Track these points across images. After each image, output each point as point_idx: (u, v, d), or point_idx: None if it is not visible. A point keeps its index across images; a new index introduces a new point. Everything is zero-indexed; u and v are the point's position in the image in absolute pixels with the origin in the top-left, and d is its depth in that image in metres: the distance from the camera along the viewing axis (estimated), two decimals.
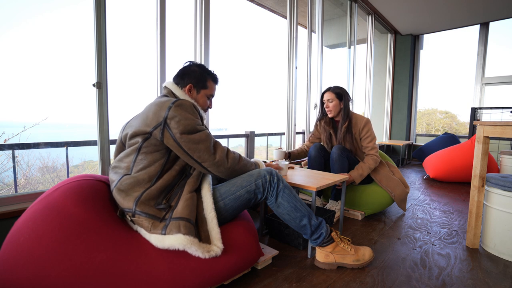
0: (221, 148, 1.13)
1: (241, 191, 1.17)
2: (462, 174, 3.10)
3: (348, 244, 1.32)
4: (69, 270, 0.83)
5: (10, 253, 0.85)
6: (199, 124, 1.10)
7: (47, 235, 0.86)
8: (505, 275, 1.28)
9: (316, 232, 1.27)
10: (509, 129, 1.37)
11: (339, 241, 1.30)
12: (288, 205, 1.22)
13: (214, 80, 1.29)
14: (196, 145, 1.07)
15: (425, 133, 5.40)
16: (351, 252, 1.30)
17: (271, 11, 3.33)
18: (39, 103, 2.28)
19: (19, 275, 0.82)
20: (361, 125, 2.04)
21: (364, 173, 1.95)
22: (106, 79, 1.49)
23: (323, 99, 2.12)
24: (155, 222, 1.02)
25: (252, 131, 2.47)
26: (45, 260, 0.83)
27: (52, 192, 1.00)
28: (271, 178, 1.19)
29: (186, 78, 1.22)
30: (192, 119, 1.08)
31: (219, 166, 1.11)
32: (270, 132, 2.82)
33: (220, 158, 1.11)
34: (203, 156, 1.08)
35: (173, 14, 1.75)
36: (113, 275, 0.87)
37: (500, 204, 1.44)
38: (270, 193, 1.21)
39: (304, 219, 1.24)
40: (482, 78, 4.32)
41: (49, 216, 0.90)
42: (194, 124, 1.08)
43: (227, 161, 1.13)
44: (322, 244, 1.29)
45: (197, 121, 1.10)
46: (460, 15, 3.95)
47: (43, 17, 2.33)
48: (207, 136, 1.10)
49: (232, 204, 1.17)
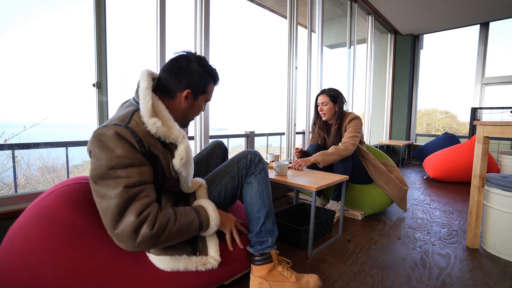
0: (132, 216, 0.77)
1: (226, 179, 1.08)
2: (462, 174, 3.10)
3: (288, 269, 1.11)
4: (64, 277, 0.82)
5: (4, 260, 0.84)
6: (118, 167, 0.78)
7: (40, 242, 0.84)
8: (505, 275, 1.28)
9: (263, 234, 1.09)
10: (509, 129, 1.37)
11: (277, 264, 1.10)
12: (256, 188, 1.10)
13: (215, 82, 1.07)
14: (100, 199, 0.79)
15: (425, 133, 5.40)
16: (291, 279, 1.08)
17: (271, 11, 3.33)
18: (39, 103, 2.28)
19: (13, 283, 0.81)
20: (347, 122, 2.02)
21: (328, 157, 1.82)
22: (106, 79, 1.49)
23: (317, 102, 2.10)
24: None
25: (252, 131, 2.47)
26: (38, 267, 0.82)
27: (45, 197, 0.97)
28: (253, 158, 1.10)
29: (184, 80, 0.96)
30: (107, 159, 0.77)
31: (120, 241, 0.79)
32: (270, 132, 2.82)
33: (123, 232, 0.77)
34: (103, 217, 0.79)
35: (173, 14, 1.76)
36: (110, 279, 0.86)
37: (500, 204, 1.44)
38: (251, 171, 1.10)
39: (262, 211, 1.09)
40: (482, 78, 4.32)
41: (42, 222, 0.88)
42: (106, 168, 0.77)
43: (134, 238, 0.78)
44: (260, 259, 1.09)
45: (115, 161, 0.77)
46: (460, 15, 3.95)
47: (43, 17, 2.33)
48: (118, 192, 0.76)
49: (220, 197, 1.08)
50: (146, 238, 0.79)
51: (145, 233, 0.78)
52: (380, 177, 2.01)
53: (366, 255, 1.45)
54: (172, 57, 1.00)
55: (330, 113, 2.05)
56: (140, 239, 0.78)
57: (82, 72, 1.55)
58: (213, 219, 0.97)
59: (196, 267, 0.94)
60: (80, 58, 1.81)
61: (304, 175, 1.63)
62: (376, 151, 2.44)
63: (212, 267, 0.96)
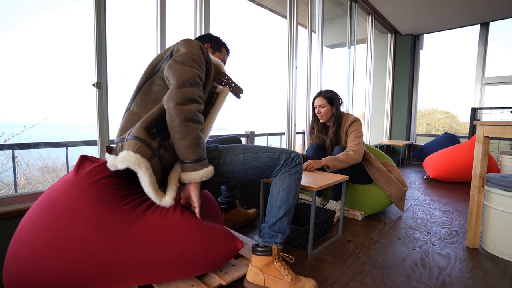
0: (194, 95, 0.96)
1: (264, 154, 1.14)
2: (462, 174, 3.10)
3: (287, 268, 1.11)
4: (63, 257, 0.89)
5: (15, 247, 0.92)
6: (195, 61, 1.01)
7: (46, 226, 0.91)
8: (505, 275, 1.28)
9: (277, 228, 1.14)
10: (509, 129, 1.37)
11: (276, 259, 1.11)
12: (288, 186, 1.14)
13: (227, 50, 1.43)
14: (178, 66, 0.98)
15: (425, 133, 5.40)
16: (286, 278, 1.08)
17: (271, 11, 3.33)
18: (39, 103, 2.28)
19: (23, 267, 0.88)
20: (348, 124, 2.03)
21: (338, 164, 1.83)
22: (106, 79, 1.49)
23: (314, 105, 2.11)
24: (143, 146, 0.91)
25: (252, 131, 2.47)
26: (44, 248, 0.89)
27: (47, 190, 1.03)
28: (296, 156, 1.16)
29: (205, 38, 1.38)
30: (192, 54, 1.01)
31: (170, 100, 0.93)
32: (270, 132, 2.81)
33: (182, 95, 0.93)
34: (171, 76, 0.97)
35: (173, 14, 1.75)
36: (118, 260, 0.93)
37: (500, 204, 1.44)
38: (286, 167, 1.15)
39: (284, 208, 1.13)
40: (482, 78, 4.32)
41: (46, 209, 0.95)
42: (189, 58, 1.00)
43: (185, 106, 0.93)
44: (263, 247, 1.12)
45: (194, 57, 1.01)
46: (460, 15, 3.95)
47: (43, 17, 2.33)
48: (193, 72, 0.98)
49: (251, 161, 1.13)
50: (192, 116, 0.94)
51: (191, 108, 0.94)
52: (379, 177, 2.01)
53: (366, 255, 1.45)
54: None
55: (328, 115, 2.05)
56: (188, 112, 0.93)
57: (82, 72, 1.55)
58: (207, 172, 1.00)
59: (155, 195, 0.93)
60: (80, 58, 1.81)
61: (304, 175, 1.63)
62: (376, 151, 2.44)
63: (164, 204, 0.95)
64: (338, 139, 2.07)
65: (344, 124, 2.04)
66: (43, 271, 0.87)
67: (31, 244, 0.90)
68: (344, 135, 2.05)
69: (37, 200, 1.03)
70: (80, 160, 1.08)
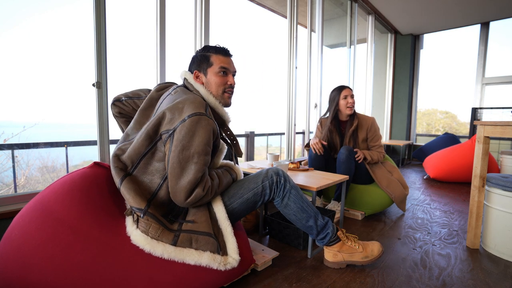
0: (200, 189, 0.99)
1: (249, 194, 1.14)
2: (462, 174, 3.10)
3: (355, 241, 1.30)
4: (51, 266, 0.85)
5: (4, 247, 0.90)
6: (201, 153, 0.99)
7: (34, 232, 0.89)
8: (506, 275, 1.28)
9: (322, 232, 1.26)
10: (509, 129, 1.37)
11: (345, 240, 1.28)
12: (295, 206, 1.20)
13: (218, 52, 1.15)
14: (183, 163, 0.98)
15: (425, 133, 5.39)
16: (359, 249, 1.28)
17: (271, 10, 3.33)
18: (39, 103, 2.27)
19: (10, 270, 0.85)
20: (368, 125, 2.03)
21: (373, 159, 2.00)
22: (106, 79, 1.49)
23: (339, 97, 2.05)
24: (165, 230, 0.97)
25: (252, 131, 2.47)
26: (30, 255, 0.86)
27: (45, 189, 1.02)
28: (278, 179, 1.17)
29: (191, 67, 1.19)
30: (198, 146, 0.97)
31: (176, 201, 0.99)
32: (270, 132, 2.81)
33: (187, 205, 1.00)
34: (171, 175, 0.98)
35: (173, 14, 1.75)
36: (107, 277, 0.87)
37: (500, 204, 1.44)
38: (276, 194, 1.18)
39: (310, 220, 1.23)
40: (483, 78, 4.32)
41: (36, 213, 0.93)
42: (195, 152, 0.98)
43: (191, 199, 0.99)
44: (329, 243, 1.28)
45: (200, 150, 0.98)
46: (460, 14, 3.95)
47: (42, 16, 2.32)
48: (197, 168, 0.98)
49: (240, 207, 1.14)
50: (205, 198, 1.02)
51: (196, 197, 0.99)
52: (381, 179, 2.01)
53: None
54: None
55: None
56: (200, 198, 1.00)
57: (82, 72, 1.55)
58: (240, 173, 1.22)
59: (219, 265, 0.96)
60: (80, 58, 1.81)
61: (304, 175, 1.63)
62: None
63: (231, 266, 0.99)
64: (356, 138, 2.05)
65: (363, 125, 2.03)
66: (30, 280, 0.84)
67: (20, 247, 0.87)
68: (363, 135, 2.04)
69: (32, 199, 1.00)
70: (90, 167, 1.07)
